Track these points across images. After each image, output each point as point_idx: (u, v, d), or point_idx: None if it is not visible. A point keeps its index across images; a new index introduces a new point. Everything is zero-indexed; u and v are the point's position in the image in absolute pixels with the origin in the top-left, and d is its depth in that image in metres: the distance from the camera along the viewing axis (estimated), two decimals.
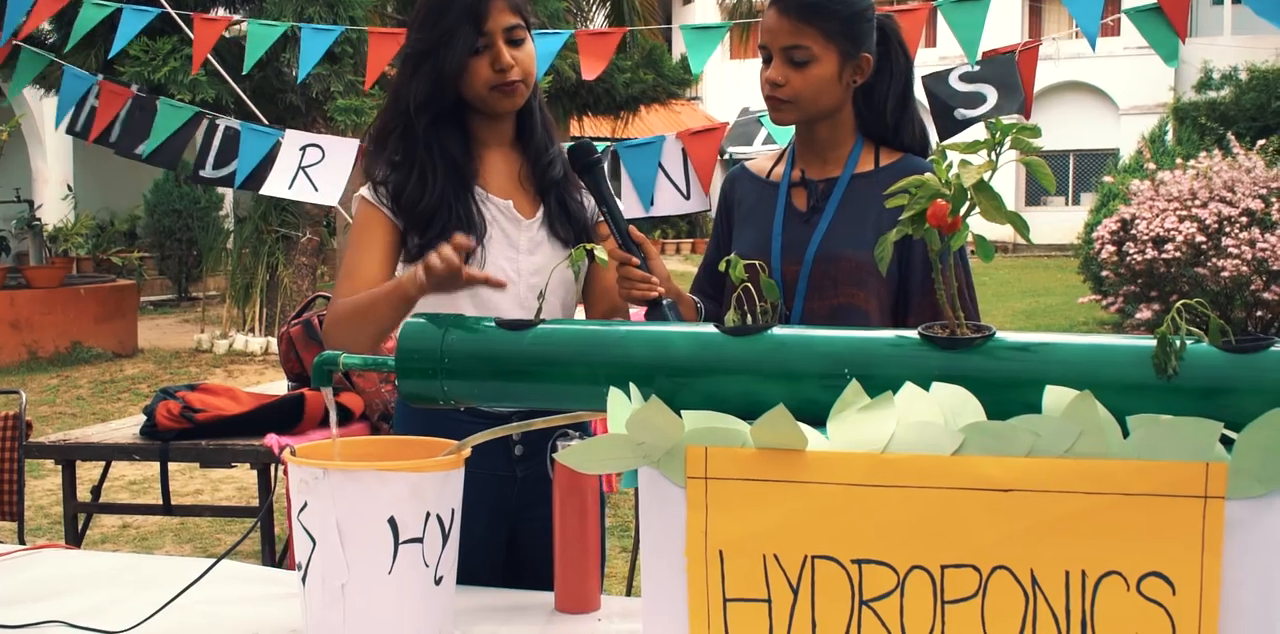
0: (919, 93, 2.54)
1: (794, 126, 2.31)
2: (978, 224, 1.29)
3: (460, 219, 2.16)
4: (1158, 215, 9.85)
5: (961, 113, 3.17)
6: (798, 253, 2.22)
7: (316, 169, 4.04)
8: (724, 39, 4.12)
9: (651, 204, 3.68)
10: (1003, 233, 1.27)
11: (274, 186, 4.06)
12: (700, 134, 3.75)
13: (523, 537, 2.25)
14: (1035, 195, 27.14)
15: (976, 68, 3.30)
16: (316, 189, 3.99)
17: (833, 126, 2.27)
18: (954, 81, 3.28)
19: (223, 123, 4.17)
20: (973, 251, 1.41)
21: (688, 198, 3.70)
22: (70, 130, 4.50)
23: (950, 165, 1.27)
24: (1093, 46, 3.40)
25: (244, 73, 4.67)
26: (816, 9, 2.16)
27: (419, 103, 2.17)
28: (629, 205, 3.65)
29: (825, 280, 2.19)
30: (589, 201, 2.31)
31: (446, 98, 2.18)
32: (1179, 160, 11.48)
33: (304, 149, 4.08)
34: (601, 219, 2.32)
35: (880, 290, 2.19)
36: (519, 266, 2.21)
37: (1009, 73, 3.31)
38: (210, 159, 4.17)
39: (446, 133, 2.20)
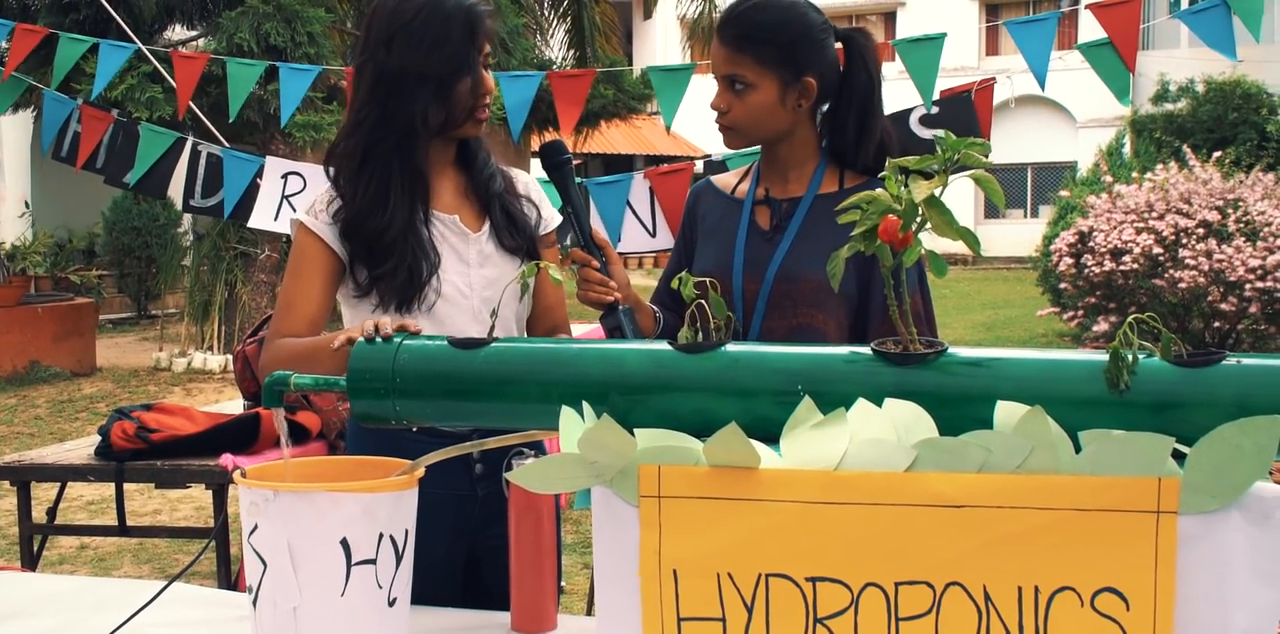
0: None
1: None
2: (932, 239, 1.29)
3: (416, 249, 2.15)
4: (1115, 227, 9.92)
5: None
6: (758, 271, 2.21)
7: (299, 199, 4.05)
8: (684, 51, 4.15)
9: (619, 240, 3.73)
10: (962, 245, 1.27)
11: (260, 218, 4.09)
12: (668, 174, 3.80)
13: (484, 556, 2.23)
14: (994, 208, 27.33)
15: (935, 110, 3.36)
16: None
17: (790, 147, 2.26)
18: (914, 125, 3.35)
19: (205, 149, 4.18)
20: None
21: (654, 235, 3.76)
22: (57, 156, 4.51)
23: (901, 181, 1.27)
24: (1042, 86, 3.45)
25: (230, 120, 4.69)
26: (749, 38, 2.16)
27: (435, 125, 2.15)
28: None
29: (785, 300, 2.18)
30: (532, 211, 2.31)
31: (460, 121, 2.17)
32: (1135, 173, 11.57)
33: (285, 177, 4.09)
34: (549, 229, 2.33)
35: (839, 312, 2.18)
36: (470, 281, 2.21)
37: (967, 115, 3.38)
38: (198, 188, 4.19)
39: (404, 159, 2.18)
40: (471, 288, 2.21)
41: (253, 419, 3.72)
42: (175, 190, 4.46)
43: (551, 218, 2.36)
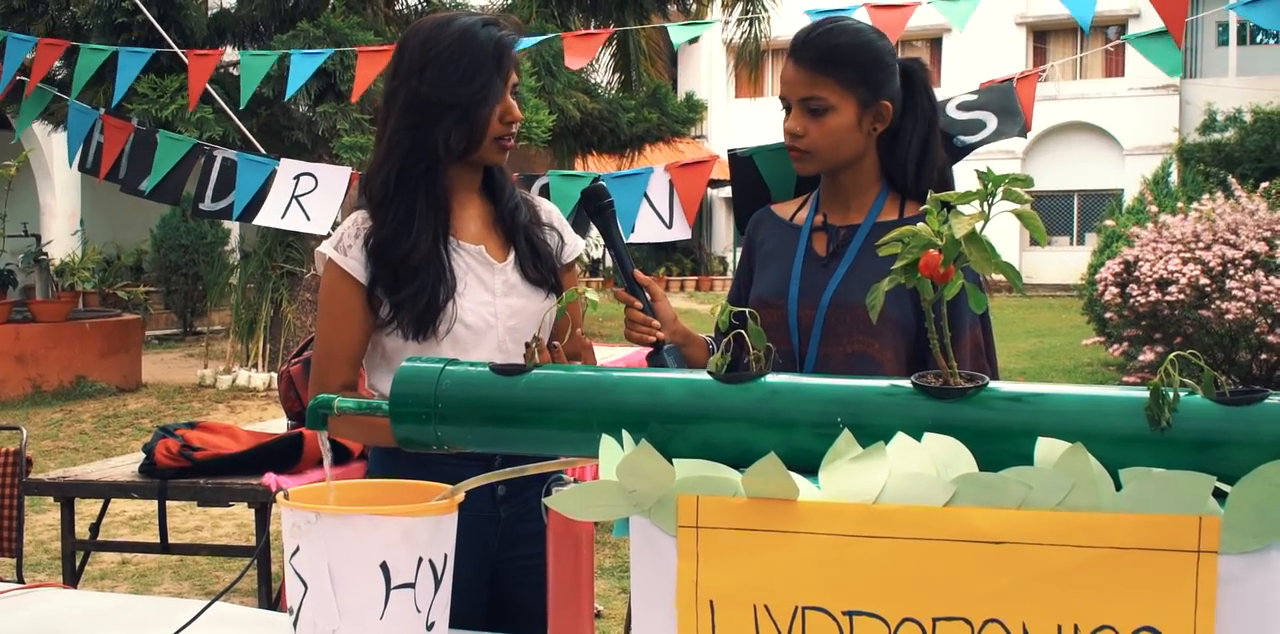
0: None
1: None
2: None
3: (436, 275, 2.17)
4: (1161, 257, 9.84)
5: (961, 139, 3.14)
6: (814, 298, 2.21)
7: (309, 198, 4.03)
8: (729, 76, 4.16)
9: (631, 231, 3.67)
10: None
11: (267, 216, 4.05)
12: (690, 166, 3.77)
13: (506, 577, 2.24)
14: None
15: (974, 97, 3.25)
16: (309, 218, 3.99)
17: (856, 174, 2.27)
18: (952, 111, 3.26)
19: (220, 154, 4.17)
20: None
21: (670, 226, 3.69)
22: (82, 167, 4.53)
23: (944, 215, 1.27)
24: (1085, 31, 3.42)
25: (241, 107, 4.70)
26: (831, 59, 2.17)
27: (457, 152, 2.18)
28: None
29: (840, 327, 2.18)
30: (555, 241, 2.33)
31: (484, 147, 2.21)
32: (1180, 203, 11.49)
33: (298, 178, 4.07)
34: (571, 258, 2.36)
35: (895, 340, 2.18)
36: (495, 310, 2.23)
37: (1008, 98, 3.30)
38: (209, 192, 4.16)
39: (430, 186, 2.21)
40: (496, 317, 2.23)
41: (296, 439, 3.75)
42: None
43: (574, 246, 2.39)
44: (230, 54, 11.93)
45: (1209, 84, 25.07)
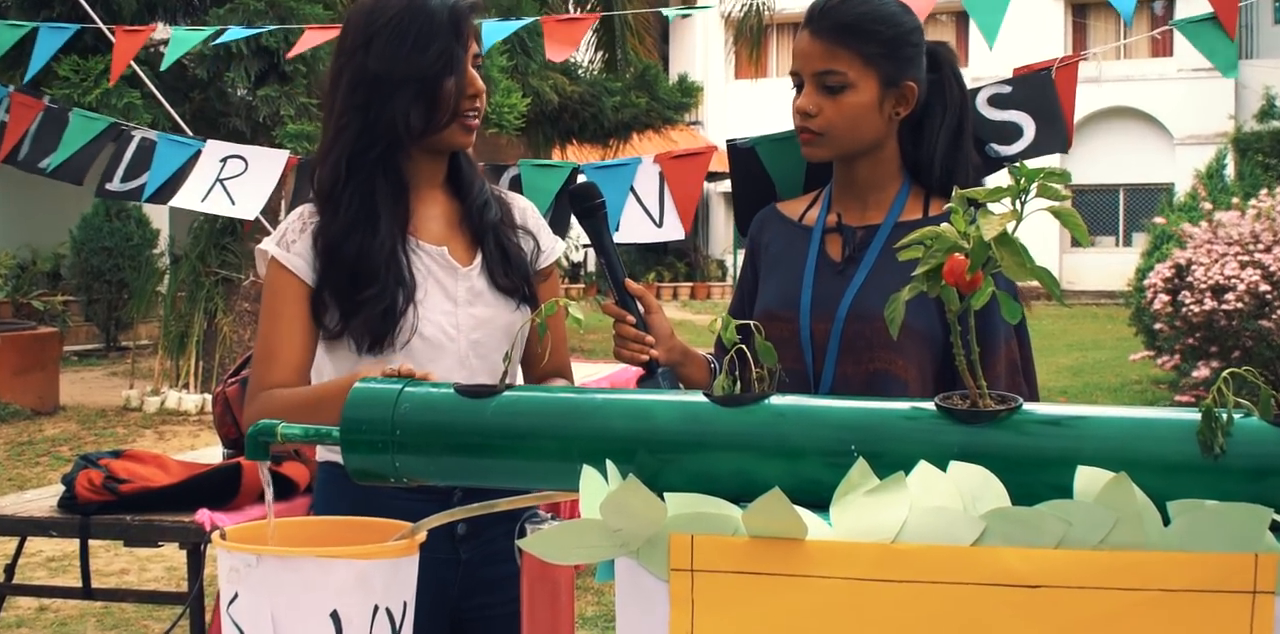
0: None
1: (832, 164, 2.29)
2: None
3: (396, 277, 2.15)
4: (1216, 261, 9.84)
5: (994, 149, 3.13)
6: (828, 309, 2.19)
7: (236, 182, 3.99)
8: (728, 54, 4.16)
9: (617, 229, 3.60)
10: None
11: (186, 198, 3.98)
12: (684, 157, 3.72)
13: (468, 628, 2.23)
14: None
15: (1008, 88, 3.23)
16: (234, 203, 3.95)
17: (874, 165, 2.25)
18: (983, 106, 3.24)
19: (139, 134, 4.13)
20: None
21: (660, 226, 3.61)
22: None
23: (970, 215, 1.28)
24: (1128, 23, 3.42)
25: (162, 69, 4.68)
26: (853, 30, 2.15)
27: (418, 128, 2.17)
28: None
29: (859, 342, 2.15)
30: (529, 244, 2.32)
31: (445, 125, 2.19)
32: (1235, 199, 11.49)
33: (225, 160, 4.05)
34: (549, 262, 2.34)
35: (922, 357, 2.15)
36: (458, 321, 2.21)
37: (1046, 96, 3.27)
38: (120, 171, 4.12)
39: (389, 172, 2.20)
40: (459, 329, 2.20)
41: (234, 470, 3.73)
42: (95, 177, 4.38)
43: (551, 249, 2.37)
44: (163, 31, 11.94)
45: (1267, 66, 25.12)
